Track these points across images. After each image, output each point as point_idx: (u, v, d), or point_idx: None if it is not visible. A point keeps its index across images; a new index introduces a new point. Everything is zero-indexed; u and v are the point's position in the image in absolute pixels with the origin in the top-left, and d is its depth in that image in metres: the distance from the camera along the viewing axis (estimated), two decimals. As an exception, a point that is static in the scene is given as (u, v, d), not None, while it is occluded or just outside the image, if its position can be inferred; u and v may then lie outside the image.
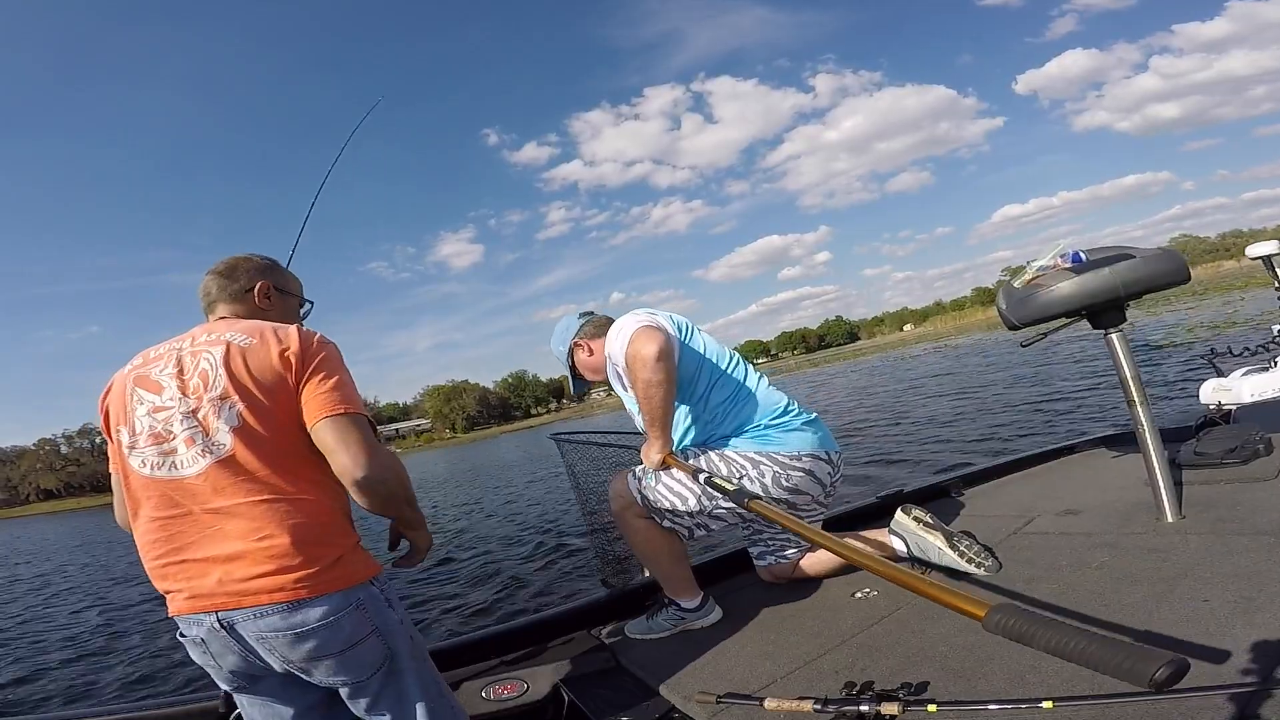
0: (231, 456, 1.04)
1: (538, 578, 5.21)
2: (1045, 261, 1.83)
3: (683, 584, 1.81)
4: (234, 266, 1.29)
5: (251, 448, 1.05)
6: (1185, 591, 1.31)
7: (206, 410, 1.06)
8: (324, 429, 1.06)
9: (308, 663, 1.05)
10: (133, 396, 1.11)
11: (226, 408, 1.06)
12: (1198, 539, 1.57)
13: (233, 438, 1.04)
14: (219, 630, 1.02)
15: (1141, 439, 1.78)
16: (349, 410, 1.08)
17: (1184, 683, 1.01)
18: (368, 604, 1.08)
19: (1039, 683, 1.13)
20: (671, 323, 1.80)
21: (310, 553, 1.03)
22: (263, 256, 1.34)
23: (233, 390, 1.06)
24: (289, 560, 1.02)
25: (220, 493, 1.03)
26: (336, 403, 1.08)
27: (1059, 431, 6.55)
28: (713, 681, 1.44)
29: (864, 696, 1.14)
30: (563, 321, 2.05)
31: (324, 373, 1.11)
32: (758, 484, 1.74)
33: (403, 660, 1.12)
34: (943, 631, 1.42)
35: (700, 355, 1.82)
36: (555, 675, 1.65)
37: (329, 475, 1.07)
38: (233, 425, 1.05)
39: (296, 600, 1.01)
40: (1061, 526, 1.93)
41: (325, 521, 1.07)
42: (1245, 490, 1.82)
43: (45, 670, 4.90)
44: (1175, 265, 1.71)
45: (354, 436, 1.06)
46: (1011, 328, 1.91)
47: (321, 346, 1.14)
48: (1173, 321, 17.04)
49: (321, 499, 1.08)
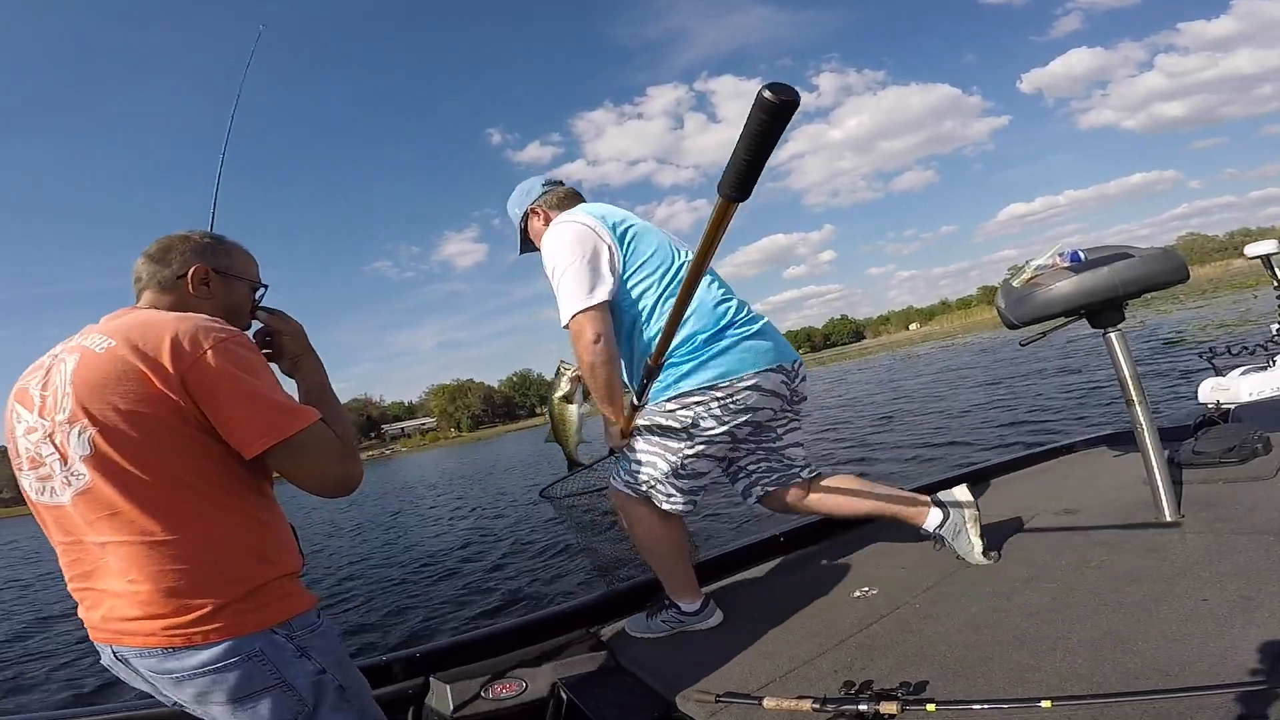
0: (91, 489, 0.90)
1: (537, 576, 5.21)
2: (1044, 260, 1.83)
3: (684, 585, 1.79)
4: (167, 248, 1.09)
5: (111, 480, 0.89)
6: (1184, 591, 1.31)
7: (60, 435, 0.91)
8: (277, 458, 0.94)
9: (199, 707, 0.96)
10: (13, 413, 0.98)
11: (76, 434, 0.90)
12: (1196, 538, 1.57)
13: (89, 468, 0.90)
14: (116, 662, 0.96)
15: (1140, 438, 1.78)
16: (295, 429, 0.94)
17: (1184, 681, 1.02)
18: (268, 655, 0.94)
19: (1038, 682, 1.13)
20: (612, 235, 1.64)
21: (179, 603, 0.90)
22: (206, 234, 1.15)
23: (81, 413, 0.89)
24: (156, 608, 0.90)
25: (92, 526, 0.91)
26: (271, 425, 0.92)
27: (1058, 430, 6.55)
28: (711, 680, 1.44)
29: (863, 696, 1.13)
30: (526, 182, 1.95)
31: (230, 389, 0.92)
32: (710, 419, 1.63)
33: (324, 713, 0.99)
34: (941, 631, 1.42)
35: (641, 284, 1.66)
36: (554, 674, 1.65)
37: (225, 507, 0.94)
38: (83, 454, 0.90)
39: (170, 647, 0.90)
40: (1060, 525, 1.93)
41: (205, 566, 0.92)
42: (1244, 489, 1.81)
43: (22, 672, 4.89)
44: (1174, 265, 1.71)
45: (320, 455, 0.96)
46: (1010, 327, 1.91)
47: (217, 355, 0.92)
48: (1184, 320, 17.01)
49: (208, 536, 0.92)
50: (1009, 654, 1.25)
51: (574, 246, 1.61)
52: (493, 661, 1.74)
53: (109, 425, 0.89)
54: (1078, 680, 1.10)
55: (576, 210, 1.76)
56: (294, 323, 1.17)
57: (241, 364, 0.94)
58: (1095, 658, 1.15)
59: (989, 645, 1.30)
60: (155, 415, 0.90)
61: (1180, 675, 1.03)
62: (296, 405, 0.98)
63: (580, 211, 1.73)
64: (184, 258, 1.09)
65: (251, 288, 1.18)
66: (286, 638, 0.96)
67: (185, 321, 0.95)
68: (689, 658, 1.60)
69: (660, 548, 1.77)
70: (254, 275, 1.19)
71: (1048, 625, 1.32)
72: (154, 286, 1.08)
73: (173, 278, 1.08)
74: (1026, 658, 1.21)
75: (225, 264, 1.13)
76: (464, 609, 4.73)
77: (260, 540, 0.98)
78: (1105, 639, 1.21)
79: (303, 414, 0.96)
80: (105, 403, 0.89)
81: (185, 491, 0.92)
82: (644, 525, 1.76)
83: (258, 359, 0.98)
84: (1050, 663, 1.18)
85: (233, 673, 0.92)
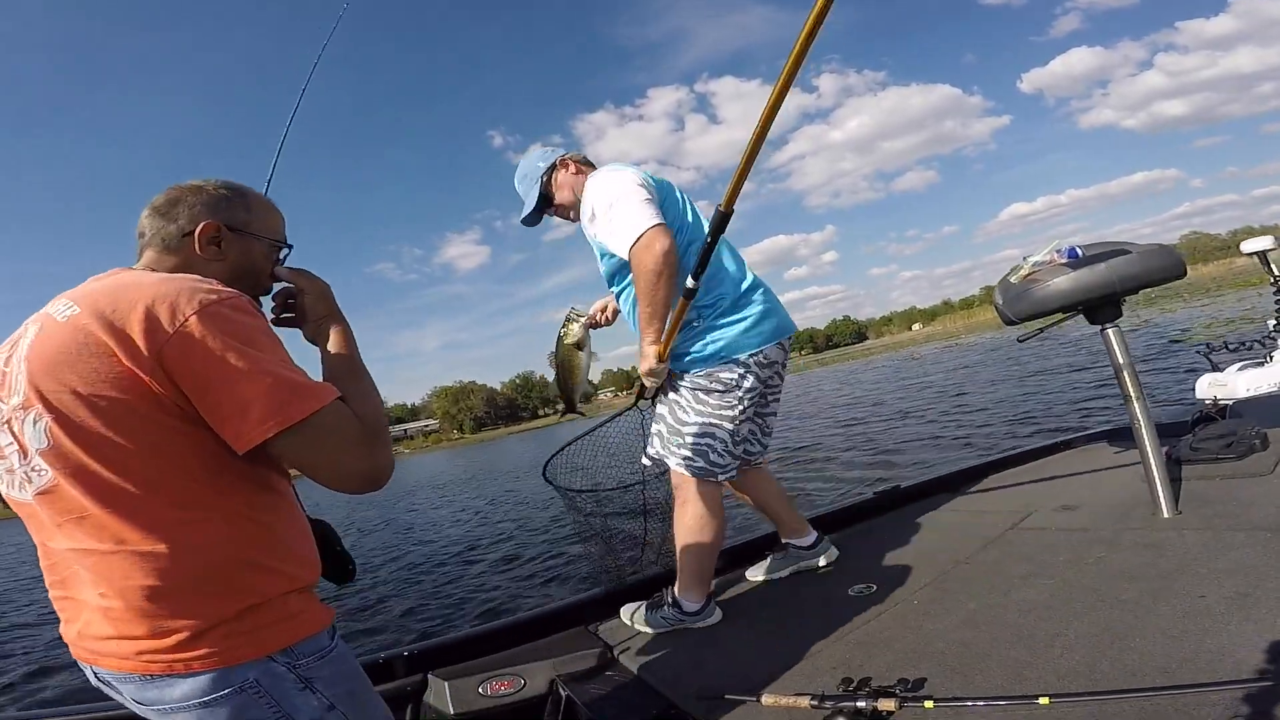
0: (55, 488, 0.76)
1: (536, 574, 5.22)
2: (1042, 257, 1.83)
3: (702, 581, 1.79)
4: (174, 200, 0.91)
5: (75, 479, 0.74)
6: (1182, 587, 1.31)
7: (16, 423, 0.76)
8: (284, 449, 0.76)
9: None
10: None
11: (30, 422, 0.75)
12: (1194, 534, 1.57)
13: (49, 464, 0.75)
14: (101, 684, 0.83)
15: (1138, 434, 1.78)
16: (305, 412, 0.75)
17: (1181, 678, 1.02)
18: (265, 688, 0.79)
19: (1036, 679, 1.13)
20: (658, 193, 1.70)
21: (156, 624, 0.75)
22: (222, 183, 0.96)
23: (34, 396, 0.74)
24: (130, 629, 0.76)
25: (60, 529, 0.78)
26: (273, 408, 0.74)
27: (1058, 426, 6.56)
28: (710, 677, 1.44)
29: (861, 692, 1.13)
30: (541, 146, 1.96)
31: (219, 366, 0.74)
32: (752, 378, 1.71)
33: None
34: (940, 628, 1.42)
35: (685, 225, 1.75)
36: (552, 671, 1.64)
37: (216, 509, 0.79)
38: (40, 447, 0.75)
39: (148, 674, 0.76)
40: (1058, 522, 1.93)
41: (187, 582, 0.76)
42: (1241, 485, 1.82)
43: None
44: (1171, 261, 1.71)
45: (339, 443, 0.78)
46: (1008, 323, 1.91)
47: (203, 323, 0.75)
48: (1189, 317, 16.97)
49: (193, 545, 0.77)
50: (1007, 651, 1.25)
51: (631, 181, 1.66)
52: (491, 658, 1.74)
53: (66, 413, 0.73)
54: (1076, 677, 1.10)
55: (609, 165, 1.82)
56: (319, 281, 0.98)
57: (235, 331, 0.76)
58: (1093, 654, 1.15)
59: (987, 642, 1.30)
60: (124, 401, 0.74)
61: (1178, 672, 1.03)
62: (306, 381, 0.79)
63: (616, 165, 1.80)
64: (192, 212, 0.91)
65: (274, 247, 0.98)
66: (288, 667, 0.82)
67: (168, 284, 0.77)
68: (688, 654, 1.60)
69: (704, 535, 1.77)
70: (277, 232, 1.00)
71: (1046, 622, 1.32)
72: (156, 245, 0.90)
73: (178, 235, 0.90)
74: (1024, 654, 1.21)
75: (242, 219, 0.94)
76: (464, 605, 4.74)
77: (260, 548, 0.81)
78: (1103, 635, 1.21)
79: (314, 392, 0.78)
80: (60, 384, 0.73)
81: (165, 492, 0.76)
82: (699, 508, 1.76)
83: (257, 325, 0.80)
84: (1048, 659, 1.18)
85: (222, 708, 0.78)
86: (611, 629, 1.87)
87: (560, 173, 1.87)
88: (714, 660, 1.55)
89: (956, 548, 1.89)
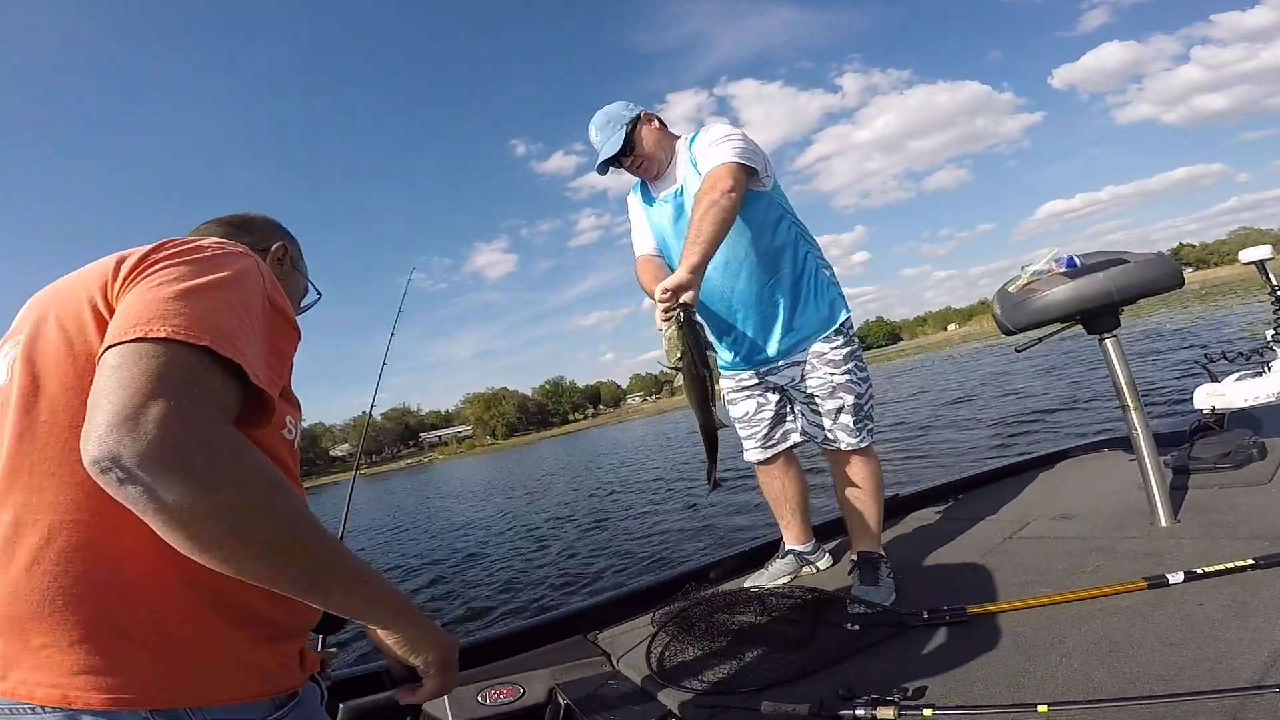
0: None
1: (536, 580, 5.20)
2: (1040, 266, 1.84)
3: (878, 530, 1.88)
4: (248, 219, 0.99)
5: (10, 432, 0.60)
6: (1180, 596, 1.32)
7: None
8: (98, 373, 0.55)
9: None
10: None
11: (3, 353, 0.67)
12: (1192, 543, 1.58)
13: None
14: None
15: (1136, 444, 1.79)
16: (150, 333, 0.54)
17: (1179, 686, 1.02)
18: None
19: (1034, 687, 1.13)
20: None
21: (57, 635, 0.56)
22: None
23: (24, 324, 0.66)
24: (12, 642, 0.57)
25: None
26: (138, 321, 0.55)
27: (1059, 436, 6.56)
28: (709, 685, 1.44)
29: (860, 701, 1.13)
30: (621, 104, 1.92)
31: (158, 275, 0.61)
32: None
33: None
34: (938, 636, 1.42)
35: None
36: (551, 679, 1.64)
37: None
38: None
39: (31, 703, 0.56)
40: (1056, 531, 1.93)
41: (109, 594, 0.58)
42: (1239, 495, 1.82)
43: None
44: (1168, 270, 1.72)
45: (126, 377, 0.52)
46: (1006, 333, 1.92)
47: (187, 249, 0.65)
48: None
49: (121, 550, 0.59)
50: (1005, 659, 1.25)
51: (751, 139, 1.75)
52: (490, 666, 1.73)
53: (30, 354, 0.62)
54: (1074, 685, 1.10)
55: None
56: (446, 679, 0.86)
57: (206, 260, 0.64)
58: (1091, 662, 1.16)
59: (985, 650, 1.30)
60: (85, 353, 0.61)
61: (1176, 680, 1.04)
62: (203, 314, 0.58)
63: None
64: (266, 230, 0.98)
65: (306, 290, 1.08)
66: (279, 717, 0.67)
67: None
68: (687, 662, 1.60)
69: (881, 492, 1.89)
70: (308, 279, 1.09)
71: (1044, 630, 1.32)
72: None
73: (250, 247, 0.82)
74: (1022, 663, 1.22)
75: (296, 254, 1.04)
76: (462, 612, 4.72)
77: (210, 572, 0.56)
78: (1101, 643, 1.21)
79: (201, 324, 0.56)
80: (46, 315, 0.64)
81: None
82: (877, 470, 1.89)
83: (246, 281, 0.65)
84: (1046, 668, 1.18)
85: None
86: (611, 637, 1.86)
87: (645, 125, 1.88)
88: (713, 668, 1.55)
89: (954, 556, 1.89)
